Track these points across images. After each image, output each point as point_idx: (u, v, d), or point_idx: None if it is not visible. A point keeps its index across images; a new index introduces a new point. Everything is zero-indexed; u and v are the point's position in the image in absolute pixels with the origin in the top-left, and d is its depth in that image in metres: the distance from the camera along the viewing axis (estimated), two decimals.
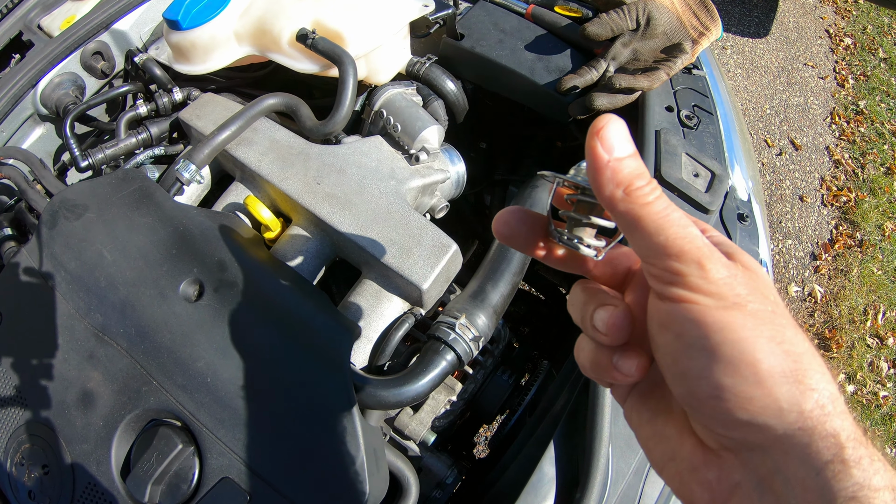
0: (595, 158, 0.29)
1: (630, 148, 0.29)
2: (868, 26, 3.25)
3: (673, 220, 0.28)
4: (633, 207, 0.28)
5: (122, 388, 0.66)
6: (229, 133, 0.75)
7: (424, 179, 0.76)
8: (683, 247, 0.28)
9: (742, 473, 0.28)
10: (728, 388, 0.26)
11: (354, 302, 0.68)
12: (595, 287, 0.35)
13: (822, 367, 0.27)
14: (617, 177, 0.29)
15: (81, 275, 0.70)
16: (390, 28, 0.83)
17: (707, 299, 0.27)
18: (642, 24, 0.95)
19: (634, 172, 0.29)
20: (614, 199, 0.29)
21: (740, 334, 0.27)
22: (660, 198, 0.28)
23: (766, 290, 0.29)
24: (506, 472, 0.70)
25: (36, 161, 0.88)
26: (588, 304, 0.34)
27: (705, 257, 0.28)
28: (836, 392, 0.27)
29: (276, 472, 0.59)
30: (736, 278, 0.28)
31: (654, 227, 0.28)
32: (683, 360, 0.28)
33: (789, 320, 0.28)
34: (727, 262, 0.29)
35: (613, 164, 0.28)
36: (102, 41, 0.96)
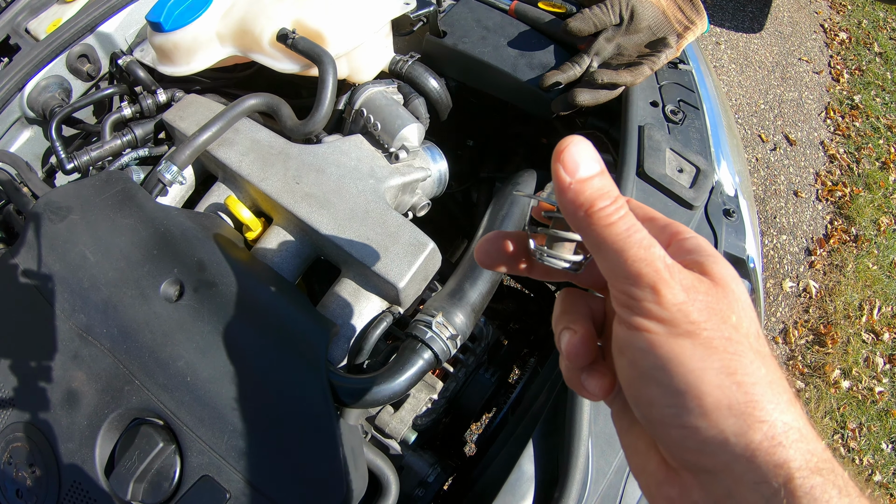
0: (557, 181, 0.29)
1: (594, 168, 0.29)
2: (863, 21, 3.25)
3: (633, 241, 0.28)
4: (595, 229, 0.28)
5: (105, 388, 0.66)
6: (210, 134, 0.75)
7: (404, 178, 0.76)
8: (641, 269, 0.28)
9: (699, 494, 0.28)
10: (675, 418, 0.27)
11: (333, 301, 0.69)
12: (571, 301, 0.35)
13: (777, 397, 0.27)
14: (578, 198, 0.29)
15: (65, 276, 0.71)
16: (371, 26, 0.83)
17: (659, 326, 0.27)
18: (626, 19, 0.95)
19: (596, 193, 0.28)
20: (577, 221, 0.29)
21: (688, 366, 0.27)
22: (623, 218, 0.28)
23: (728, 311, 0.28)
24: (487, 471, 0.71)
25: (22, 164, 0.88)
26: (558, 323, 0.34)
27: (661, 281, 0.27)
28: (794, 420, 0.26)
29: (254, 469, 0.60)
30: (694, 303, 0.28)
31: (614, 248, 0.28)
32: (636, 386, 0.29)
33: (749, 346, 0.28)
34: (689, 282, 0.28)
35: (575, 186, 0.29)
36: (88, 44, 0.96)
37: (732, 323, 0.28)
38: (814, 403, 2.00)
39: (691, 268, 0.30)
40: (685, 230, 0.33)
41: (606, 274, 0.29)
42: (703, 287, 0.29)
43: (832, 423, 1.98)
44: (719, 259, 0.31)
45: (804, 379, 2.07)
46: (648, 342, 0.28)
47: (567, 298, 0.36)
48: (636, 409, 0.29)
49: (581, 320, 0.34)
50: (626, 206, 0.29)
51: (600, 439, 0.66)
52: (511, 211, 0.79)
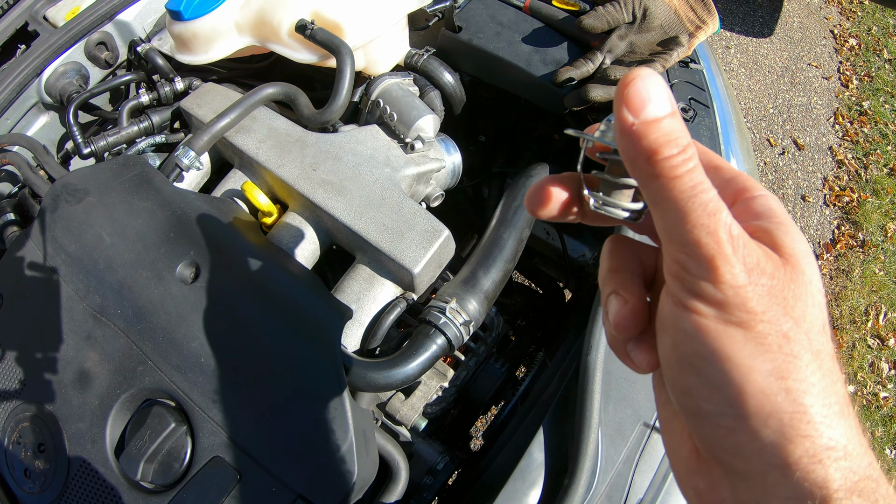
0: (619, 120, 0.24)
1: (664, 107, 0.24)
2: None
3: (698, 202, 0.23)
4: (656, 181, 0.24)
5: (118, 368, 0.67)
6: (228, 121, 0.76)
7: (419, 167, 0.77)
8: (700, 237, 0.23)
9: (727, 493, 0.26)
10: (712, 414, 0.24)
11: (348, 286, 0.69)
12: (620, 253, 0.31)
13: (828, 409, 0.23)
14: (641, 143, 0.24)
15: (81, 257, 0.71)
16: (388, 19, 0.84)
17: (710, 309, 0.24)
18: (639, 17, 0.95)
19: (663, 139, 0.24)
20: (637, 169, 0.25)
21: (735, 361, 0.23)
22: (690, 172, 0.24)
23: (793, 299, 0.24)
24: (496, 458, 0.71)
25: (39, 147, 0.89)
26: (606, 283, 0.31)
27: (720, 256, 0.23)
28: (841, 435, 0.24)
29: (266, 451, 0.60)
30: (755, 287, 0.24)
31: (676, 206, 0.24)
32: (675, 370, 0.26)
33: (808, 345, 0.24)
34: (753, 260, 0.24)
35: (639, 128, 0.24)
36: (106, 31, 0.97)
37: (795, 315, 0.24)
38: None
39: (758, 237, 0.26)
40: (754, 185, 0.28)
41: (662, 234, 0.25)
42: (769, 267, 0.24)
43: None
44: (792, 228, 0.26)
45: None
46: (695, 325, 0.24)
47: (616, 250, 0.31)
48: (672, 393, 0.27)
49: (632, 283, 0.30)
50: (696, 158, 0.24)
51: (610, 428, 0.67)
52: (524, 203, 0.79)
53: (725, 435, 0.24)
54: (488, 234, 0.74)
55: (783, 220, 0.27)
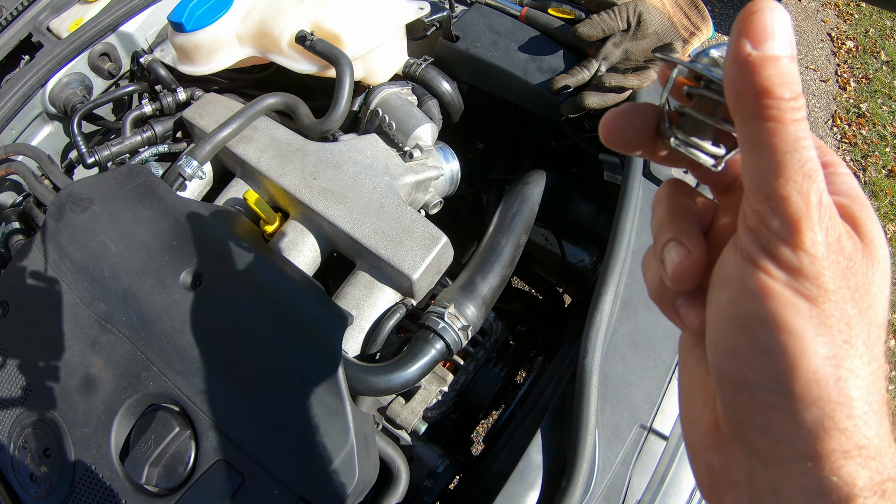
0: (735, 48, 0.22)
1: (786, 48, 0.22)
2: (870, 29, 3.26)
3: (799, 157, 0.22)
4: (761, 123, 0.22)
5: (122, 374, 0.68)
6: (230, 131, 0.77)
7: (418, 175, 0.78)
8: (791, 194, 0.22)
9: (742, 475, 0.25)
10: (753, 384, 0.23)
11: (348, 292, 0.71)
12: (679, 200, 0.29)
13: (869, 406, 0.23)
14: (755, 77, 0.22)
15: (86, 265, 0.73)
16: (387, 30, 0.86)
17: (781, 273, 0.22)
18: (633, 25, 0.97)
19: (779, 79, 0.22)
20: (741, 105, 0.23)
21: (796, 334, 0.22)
22: (798, 122, 0.22)
23: (865, 287, 0.23)
24: (495, 462, 0.72)
25: (44, 157, 0.91)
26: (664, 229, 0.28)
27: (806, 220, 0.22)
28: (875, 434, 0.23)
29: (269, 455, 0.61)
30: (831, 264, 0.22)
31: (775, 154, 0.22)
32: (725, 328, 0.24)
33: (867, 336, 0.23)
34: (836, 235, 0.23)
35: (755, 60, 0.22)
36: (109, 43, 0.99)
37: (862, 304, 0.23)
38: None
39: (842, 214, 0.24)
40: (837, 162, 0.27)
41: (748, 182, 0.23)
42: (848, 247, 0.23)
43: None
44: (873, 214, 0.25)
45: None
46: (762, 286, 0.23)
47: (674, 196, 0.29)
48: (713, 353, 0.25)
49: (694, 233, 0.28)
50: (805, 111, 0.22)
51: (607, 430, 0.68)
52: (521, 209, 0.81)
53: (761, 410, 0.23)
54: (486, 241, 0.75)
55: (865, 203, 0.25)
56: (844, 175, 0.27)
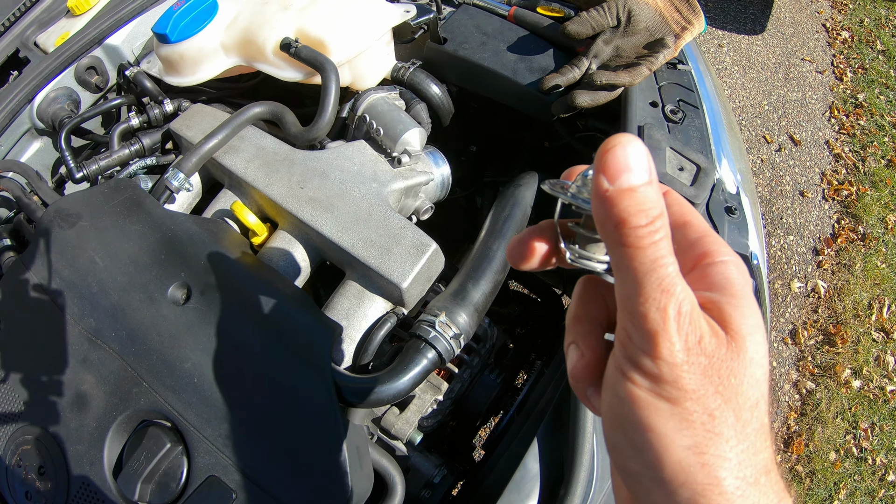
0: (595, 183, 0.26)
1: (641, 177, 0.25)
2: (865, 19, 3.24)
3: (656, 276, 0.25)
4: (620, 248, 0.25)
5: (113, 390, 0.67)
6: (216, 142, 0.76)
7: (407, 181, 0.77)
8: (649, 311, 0.25)
9: None
10: (633, 473, 0.27)
11: (338, 302, 0.70)
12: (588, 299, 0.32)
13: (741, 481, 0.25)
14: (612, 210, 0.25)
15: (75, 281, 0.72)
16: (372, 34, 0.85)
17: (644, 381, 0.25)
18: (623, 21, 0.96)
19: (634, 208, 0.25)
20: (605, 233, 0.26)
21: (658, 431, 0.25)
22: (654, 245, 0.25)
23: (728, 376, 0.26)
24: (492, 471, 0.71)
25: (33, 173, 0.90)
26: (570, 331, 0.32)
27: (662, 334, 0.25)
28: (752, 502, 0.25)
29: (260, 470, 0.60)
30: (690, 367, 0.25)
31: (634, 276, 0.25)
32: (608, 426, 0.28)
33: (734, 421, 0.25)
34: (695, 339, 0.25)
35: (612, 195, 0.25)
36: (96, 56, 0.98)
37: (727, 393, 0.25)
38: (825, 404, 1.98)
39: (709, 310, 0.27)
40: (717, 251, 0.29)
41: (618, 300, 0.26)
42: (710, 346, 0.26)
43: (844, 424, 1.96)
44: (743, 302, 0.27)
45: (814, 379, 2.05)
46: (628, 393, 0.26)
47: (584, 295, 0.32)
48: (606, 445, 0.29)
49: (591, 336, 0.31)
50: (666, 230, 0.25)
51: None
52: (513, 213, 0.80)
53: (645, 493, 0.26)
54: (477, 246, 0.74)
55: (737, 292, 0.27)
56: (720, 265, 0.28)
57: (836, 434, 1.93)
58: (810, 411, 1.98)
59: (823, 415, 1.96)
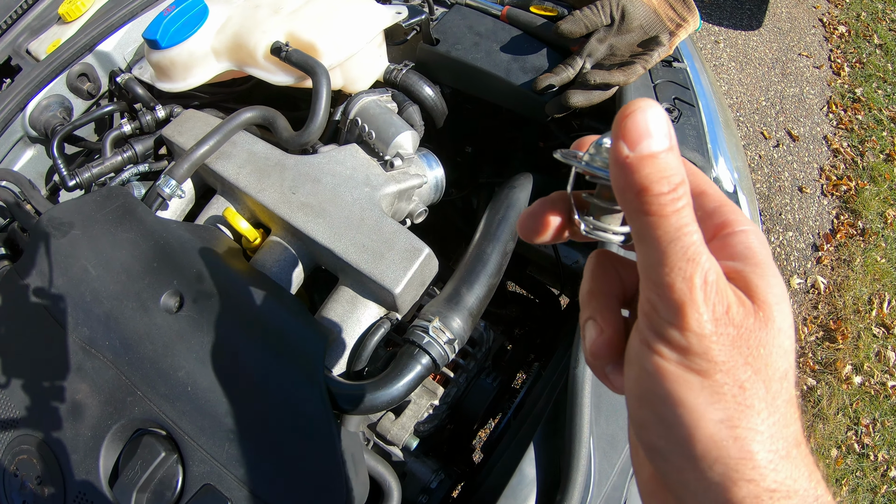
0: (614, 150, 0.24)
1: (662, 143, 0.24)
2: (862, 13, 3.23)
3: (681, 245, 0.24)
4: (643, 217, 0.24)
5: (108, 399, 0.67)
6: (207, 148, 0.76)
7: (399, 185, 0.77)
8: (675, 281, 0.24)
9: None
10: (662, 451, 0.26)
11: (331, 308, 0.69)
12: (602, 273, 0.31)
13: (774, 454, 0.25)
14: (633, 177, 0.24)
15: (68, 290, 0.72)
16: (364, 37, 0.84)
17: (672, 353, 0.25)
18: (617, 19, 0.95)
19: (656, 175, 0.24)
20: (625, 202, 0.25)
21: (689, 406, 0.24)
22: (678, 212, 0.24)
23: (757, 347, 0.25)
24: (489, 477, 0.70)
25: (25, 182, 0.90)
26: (585, 307, 0.31)
27: (690, 303, 0.24)
28: (786, 477, 0.25)
29: (255, 478, 0.60)
30: (719, 338, 0.24)
31: (657, 245, 0.24)
32: (634, 403, 0.27)
33: (765, 393, 0.25)
34: (722, 309, 0.24)
35: (633, 162, 0.24)
36: (87, 63, 0.98)
37: (757, 364, 0.25)
38: (826, 400, 1.97)
39: (734, 279, 0.26)
40: (737, 220, 0.28)
41: (640, 271, 0.25)
42: (739, 315, 0.25)
43: (845, 420, 1.95)
44: (768, 271, 0.26)
45: (815, 376, 2.04)
46: (656, 367, 0.25)
47: (597, 269, 0.31)
48: (630, 422, 0.28)
49: (609, 310, 0.30)
50: (687, 197, 0.24)
51: (602, 440, 0.66)
52: (507, 215, 0.79)
53: (675, 471, 0.26)
54: (471, 249, 0.73)
55: (760, 261, 0.26)
56: (741, 234, 0.27)
57: (838, 430, 1.93)
58: (811, 408, 1.97)
59: (824, 411, 1.96)
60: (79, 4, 1.01)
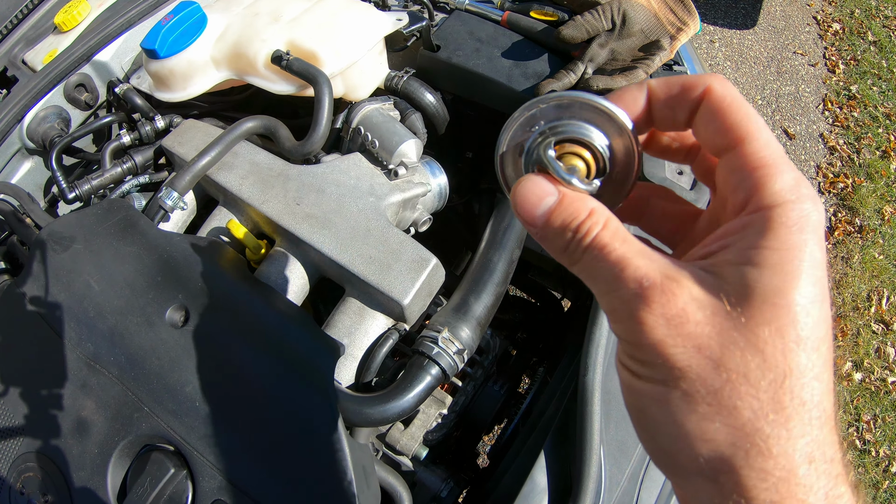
0: (527, 228, 0.28)
1: (546, 204, 0.26)
2: (856, 10, 3.24)
3: (603, 272, 0.25)
4: (570, 266, 0.26)
5: (115, 416, 0.66)
6: (209, 159, 0.75)
7: (404, 194, 0.76)
8: (614, 306, 0.24)
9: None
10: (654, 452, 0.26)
11: (338, 320, 0.69)
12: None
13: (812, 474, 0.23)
14: (545, 243, 0.27)
15: (71, 305, 0.71)
16: (364, 44, 0.84)
17: (635, 366, 0.25)
18: (618, 24, 0.95)
19: (557, 232, 0.26)
20: (559, 259, 0.27)
21: (658, 419, 0.24)
22: (588, 248, 0.25)
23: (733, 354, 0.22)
24: (499, 484, 0.70)
25: (24, 195, 0.89)
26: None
27: (631, 319, 0.24)
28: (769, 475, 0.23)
29: (266, 493, 0.59)
30: (675, 344, 0.23)
31: (591, 284, 0.26)
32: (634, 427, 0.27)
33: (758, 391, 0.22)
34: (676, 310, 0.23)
35: (538, 233, 0.27)
36: (85, 73, 0.97)
37: (740, 368, 0.22)
38: None
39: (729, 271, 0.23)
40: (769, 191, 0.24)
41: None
42: (698, 315, 0.23)
43: (847, 416, 1.96)
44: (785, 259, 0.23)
45: None
46: (623, 382, 0.26)
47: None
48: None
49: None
50: (594, 220, 0.25)
51: (612, 447, 0.66)
52: (513, 223, 0.79)
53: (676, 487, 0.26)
54: (478, 258, 0.73)
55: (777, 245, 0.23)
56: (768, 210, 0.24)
57: (839, 427, 1.93)
58: None
59: None
60: (75, 14, 1.00)
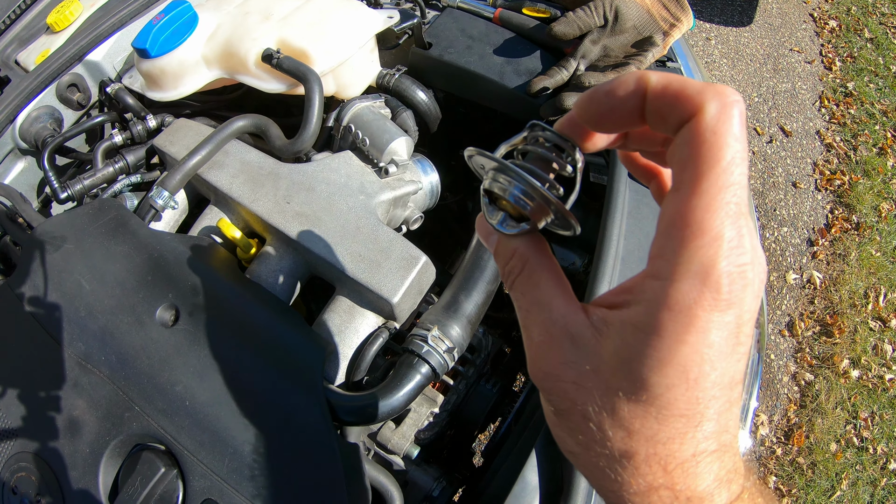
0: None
1: (491, 241, 0.31)
2: (852, 7, 3.24)
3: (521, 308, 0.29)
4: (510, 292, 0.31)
5: (106, 415, 0.66)
6: (200, 158, 0.75)
7: (395, 192, 0.76)
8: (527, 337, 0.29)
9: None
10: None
11: (328, 319, 0.69)
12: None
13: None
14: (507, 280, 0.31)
15: (62, 305, 0.71)
16: (355, 42, 0.84)
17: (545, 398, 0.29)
18: (610, 20, 0.95)
19: (499, 263, 0.31)
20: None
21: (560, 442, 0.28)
22: (513, 288, 0.30)
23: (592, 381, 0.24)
24: (491, 483, 0.70)
25: (16, 195, 0.89)
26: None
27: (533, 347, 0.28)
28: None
29: (256, 491, 0.59)
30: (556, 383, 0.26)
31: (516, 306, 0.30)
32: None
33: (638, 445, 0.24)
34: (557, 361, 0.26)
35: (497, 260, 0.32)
36: (77, 73, 0.97)
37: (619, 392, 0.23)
38: (824, 395, 1.98)
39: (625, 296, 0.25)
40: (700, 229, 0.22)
41: None
42: (571, 355, 0.25)
43: (844, 414, 1.96)
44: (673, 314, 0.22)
45: (813, 371, 2.05)
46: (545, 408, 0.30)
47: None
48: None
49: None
50: (517, 269, 0.29)
51: None
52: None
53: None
54: (468, 256, 0.73)
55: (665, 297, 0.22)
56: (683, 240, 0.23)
57: (837, 425, 1.93)
58: (810, 403, 1.98)
59: (823, 406, 1.96)
60: (68, 14, 1.00)
